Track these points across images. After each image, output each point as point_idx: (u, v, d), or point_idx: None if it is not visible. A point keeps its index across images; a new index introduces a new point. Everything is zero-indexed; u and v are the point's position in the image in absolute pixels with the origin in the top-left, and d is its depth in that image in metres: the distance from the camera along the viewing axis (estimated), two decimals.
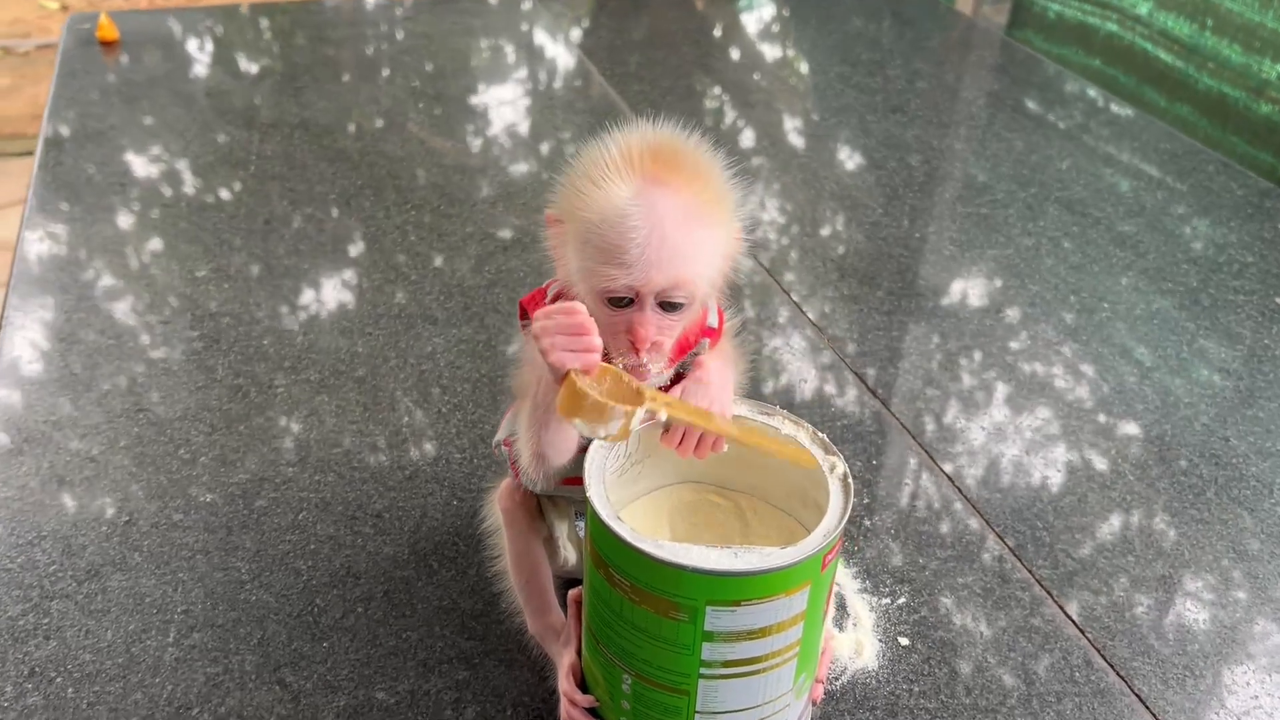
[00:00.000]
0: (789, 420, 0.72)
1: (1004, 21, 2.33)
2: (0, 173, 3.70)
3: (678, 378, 0.72)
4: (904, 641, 0.82)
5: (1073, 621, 0.84)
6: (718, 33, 2.05)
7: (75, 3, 5.10)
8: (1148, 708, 0.78)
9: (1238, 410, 1.08)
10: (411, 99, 1.65)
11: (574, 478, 0.73)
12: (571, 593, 0.75)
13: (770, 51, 1.96)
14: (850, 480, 0.67)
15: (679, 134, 0.66)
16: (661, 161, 0.63)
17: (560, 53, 1.86)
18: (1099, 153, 1.58)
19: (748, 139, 1.59)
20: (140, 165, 1.42)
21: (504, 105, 1.66)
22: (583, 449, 0.69)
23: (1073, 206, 1.42)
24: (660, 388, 0.70)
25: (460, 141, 1.54)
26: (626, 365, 0.65)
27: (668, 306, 0.64)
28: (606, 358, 0.63)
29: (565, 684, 0.72)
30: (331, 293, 1.19)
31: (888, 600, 0.85)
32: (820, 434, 0.71)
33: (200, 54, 1.80)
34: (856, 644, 0.81)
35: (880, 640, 0.82)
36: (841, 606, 0.84)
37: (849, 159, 1.54)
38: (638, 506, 0.75)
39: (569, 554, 0.78)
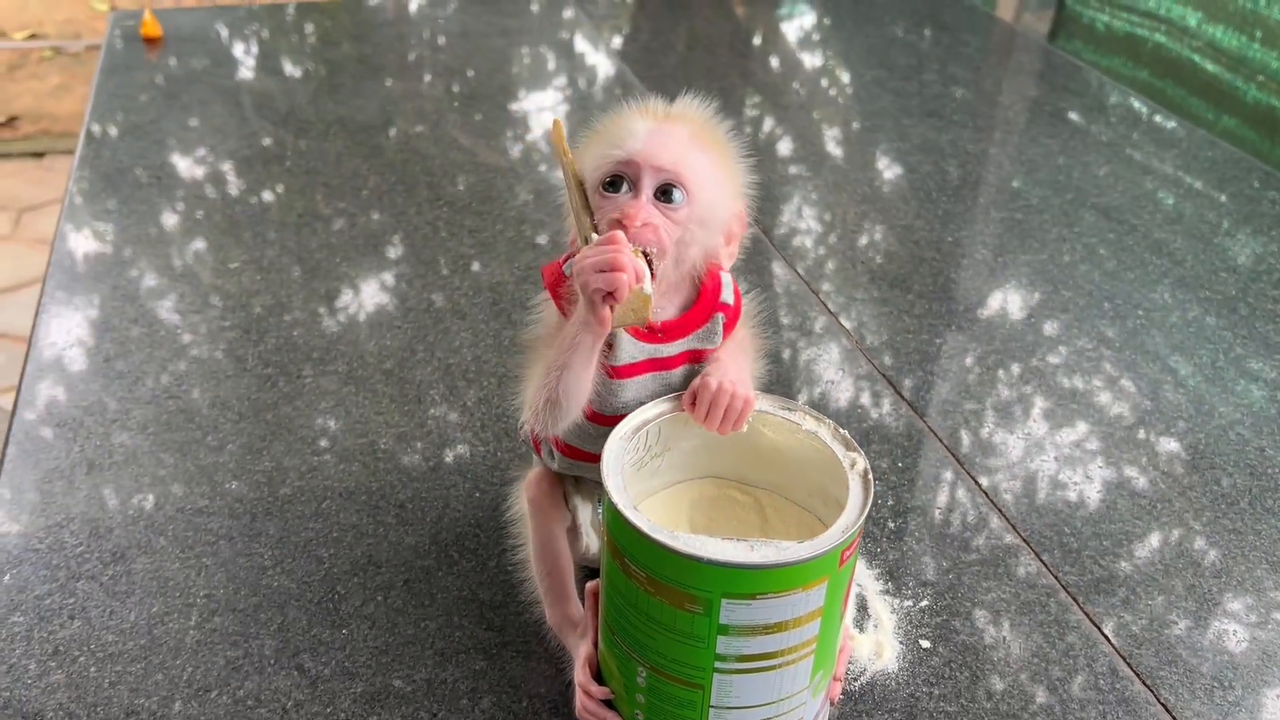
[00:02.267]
0: (810, 415, 0.71)
1: (1045, 30, 2.31)
2: (51, 169, 3.78)
3: (692, 355, 0.72)
4: (925, 644, 0.81)
5: (1099, 629, 0.83)
6: (756, 38, 2.04)
7: (124, 3, 5.19)
8: (1174, 718, 0.76)
9: (1275, 421, 1.06)
10: (448, 99, 1.66)
11: (596, 454, 0.73)
12: (589, 585, 0.75)
13: (807, 56, 1.96)
14: (870, 477, 0.67)
15: (703, 105, 0.71)
16: (676, 112, 0.69)
17: (599, 58, 1.87)
18: (1137, 160, 1.56)
19: (784, 141, 1.59)
20: (179, 160, 1.44)
21: (541, 106, 1.67)
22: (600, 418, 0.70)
23: (1109, 213, 1.40)
24: (673, 358, 0.71)
25: (496, 141, 1.55)
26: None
27: (664, 197, 0.65)
28: None
29: (581, 675, 0.72)
30: (362, 287, 1.19)
31: (910, 603, 0.84)
32: (841, 430, 0.70)
33: (241, 52, 1.82)
34: (877, 645, 0.81)
35: (901, 642, 0.81)
36: (862, 607, 0.83)
37: (884, 163, 1.53)
38: (657, 500, 0.75)
39: (591, 541, 0.78)
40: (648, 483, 0.74)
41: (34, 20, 4.94)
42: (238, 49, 1.83)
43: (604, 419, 0.70)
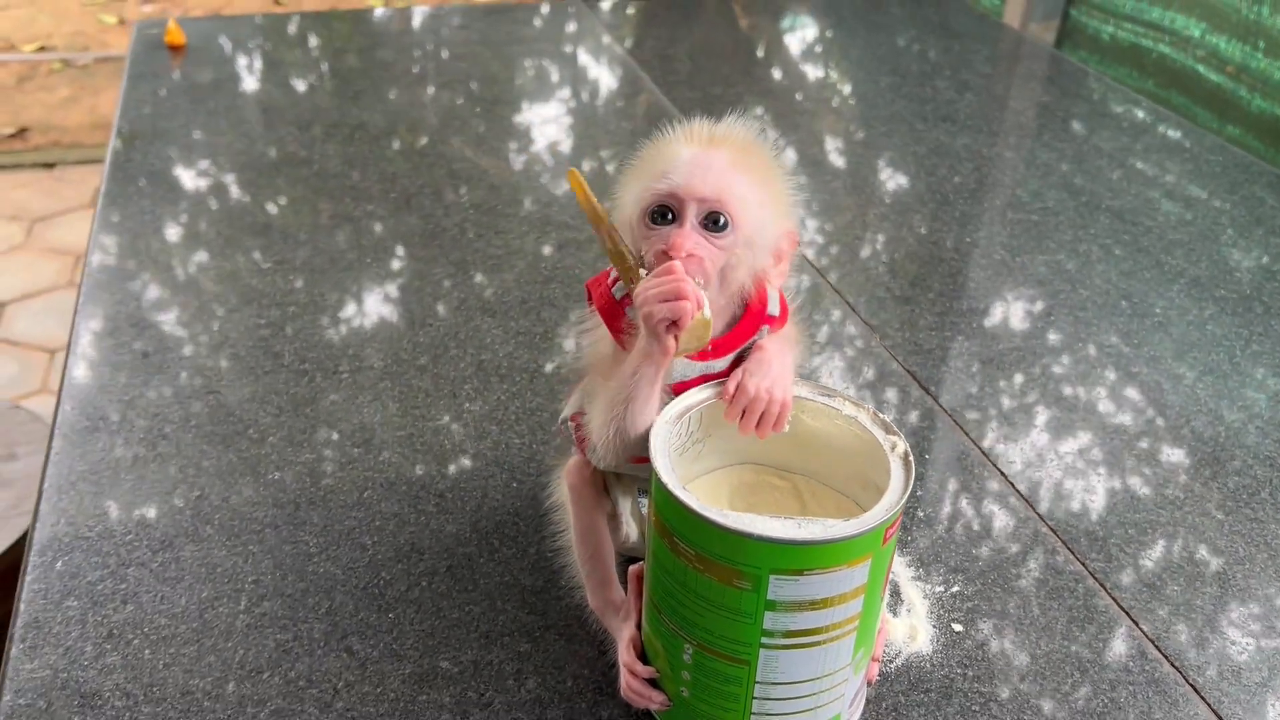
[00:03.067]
0: (849, 402, 0.74)
1: (1051, 39, 2.34)
2: (62, 180, 3.81)
3: (738, 360, 0.74)
4: (957, 628, 0.83)
5: (1126, 614, 0.85)
6: (766, 48, 2.07)
7: (132, 16, 5.22)
8: (1202, 697, 0.78)
9: None
10: (469, 103, 1.69)
11: (638, 456, 0.75)
12: (633, 569, 0.77)
13: (820, 64, 1.98)
14: (911, 459, 0.69)
15: (747, 126, 0.71)
16: (720, 135, 0.69)
17: (611, 60, 1.89)
18: (1148, 163, 1.58)
19: (800, 145, 1.61)
20: (208, 163, 1.47)
21: (555, 109, 1.69)
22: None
23: (1123, 216, 1.43)
24: (722, 371, 0.73)
25: (516, 142, 1.57)
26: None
27: (709, 225, 0.66)
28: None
29: (626, 655, 0.74)
30: (393, 286, 1.22)
31: (941, 588, 0.86)
32: (881, 415, 0.72)
33: (263, 59, 1.84)
34: (911, 629, 0.82)
35: (934, 626, 0.83)
36: (896, 593, 0.85)
37: (900, 166, 1.55)
38: (698, 485, 0.77)
39: (630, 530, 0.80)
40: (689, 468, 0.76)
41: (42, 33, 4.98)
42: (257, 57, 1.85)
43: None
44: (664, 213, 0.67)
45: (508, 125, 1.63)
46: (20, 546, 1.41)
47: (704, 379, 0.73)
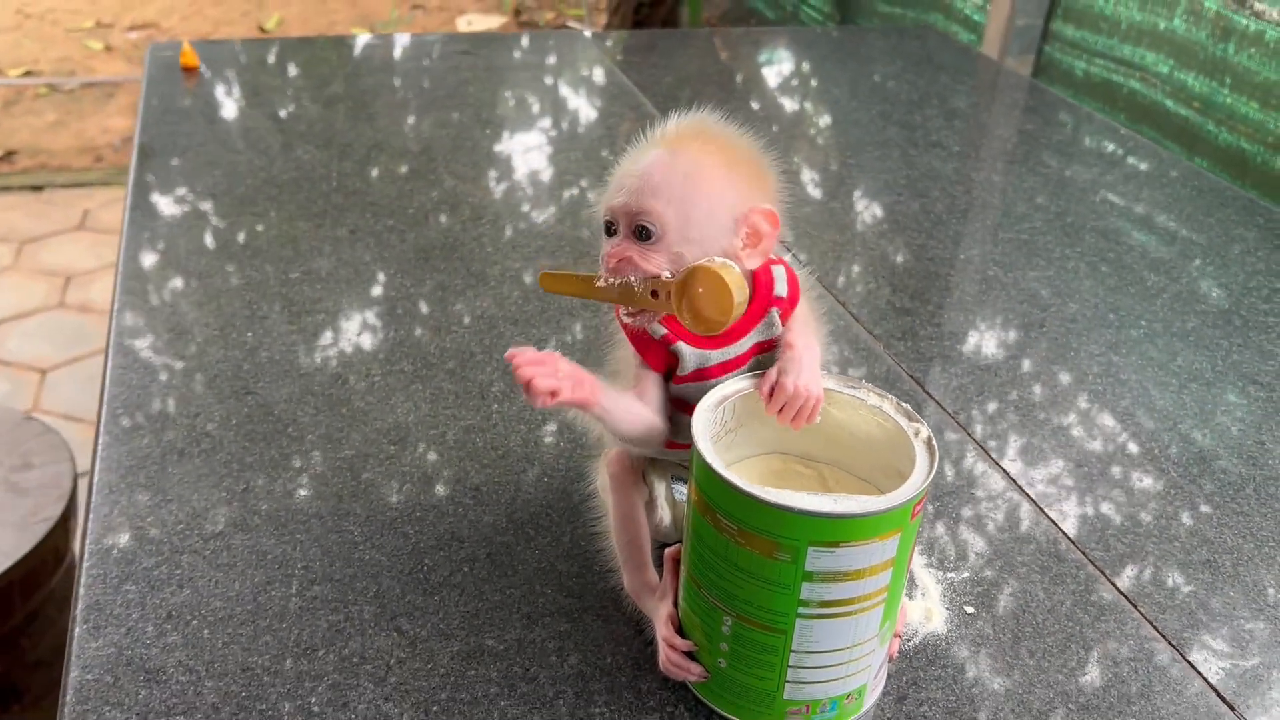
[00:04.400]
0: (874, 392, 0.79)
1: (1027, 74, 2.43)
2: (50, 203, 3.83)
3: (756, 346, 0.79)
4: (970, 610, 0.88)
5: (1126, 598, 0.90)
6: (756, 76, 2.15)
7: (119, 42, 5.26)
8: (1199, 673, 0.84)
9: (1272, 417, 1.14)
10: (478, 124, 1.74)
11: (674, 443, 0.81)
12: (669, 550, 0.82)
13: (812, 92, 2.06)
14: (934, 443, 0.74)
15: (716, 117, 0.78)
16: (683, 130, 0.76)
17: (612, 83, 1.96)
18: (1129, 187, 1.66)
19: (798, 167, 1.68)
20: (227, 178, 1.51)
21: (556, 129, 1.75)
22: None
23: (1108, 234, 1.50)
24: (741, 356, 0.78)
25: (528, 155, 1.63)
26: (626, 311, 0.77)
27: (640, 235, 0.74)
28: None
29: (665, 630, 0.79)
30: (417, 295, 1.26)
31: (952, 574, 0.91)
32: (904, 405, 0.78)
33: (274, 80, 1.90)
34: (926, 611, 0.88)
35: (948, 608, 0.88)
36: (911, 580, 0.91)
37: (894, 188, 1.62)
38: (731, 471, 0.82)
39: (664, 514, 0.85)
40: (722, 456, 0.81)
41: (29, 58, 5.01)
42: (267, 75, 1.90)
43: (692, 408, 0.77)
44: (609, 227, 0.76)
45: (516, 141, 1.69)
46: (41, 549, 1.44)
47: (725, 366, 0.78)
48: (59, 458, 1.61)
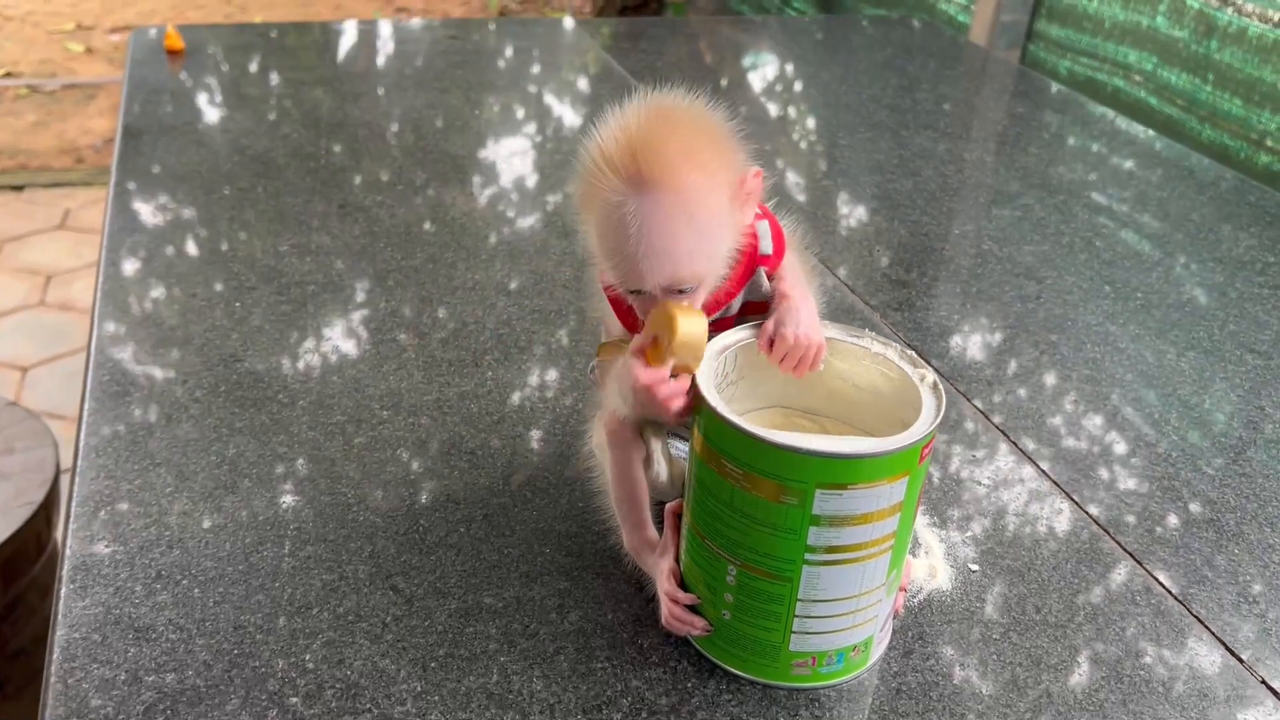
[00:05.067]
0: (877, 340, 0.78)
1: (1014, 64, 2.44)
2: (32, 202, 3.79)
3: (746, 306, 0.78)
4: (974, 568, 0.87)
5: (1129, 554, 0.89)
6: (748, 63, 2.14)
7: (100, 45, 5.23)
8: (1206, 626, 0.83)
9: (1271, 384, 1.14)
10: (468, 106, 1.73)
11: None
12: (669, 505, 0.81)
13: (805, 75, 2.06)
14: (940, 387, 0.73)
15: (669, 110, 0.70)
16: (647, 157, 0.66)
17: (606, 71, 1.95)
18: (1121, 168, 1.66)
19: (792, 147, 1.67)
20: (215, 156, 1.49)
21: (550, 110, 1.74)
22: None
23: (1101, 211, 1.50)
24: (730, 318, 0.77)
25: (514, 137, 1.62)
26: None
27: (677, 293, 0.70)
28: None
29: (667, 584, 0.77)
30: (408, 267, 1.25)
31: (956, 534, 0.90)
32: (908, 350, 0.77)
33: (260, 64, 1.88)
34: (931, 568, 0.87)
35: (952, 566, 0.87)
36: (915, 539, 0.89)
37: (888, 167, 1.62)
38: None
39: (661, 471, 0.83)
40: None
41: (9, 59, 4.97)
42: (251, 59, 1.89)
43: None
44: (637, 290, 0.71)
45: (507, 119, 1.68)
46: (23, 534, 1.42)
47: (718, 326, 0.77)
48: (41, 443, 1.58)
